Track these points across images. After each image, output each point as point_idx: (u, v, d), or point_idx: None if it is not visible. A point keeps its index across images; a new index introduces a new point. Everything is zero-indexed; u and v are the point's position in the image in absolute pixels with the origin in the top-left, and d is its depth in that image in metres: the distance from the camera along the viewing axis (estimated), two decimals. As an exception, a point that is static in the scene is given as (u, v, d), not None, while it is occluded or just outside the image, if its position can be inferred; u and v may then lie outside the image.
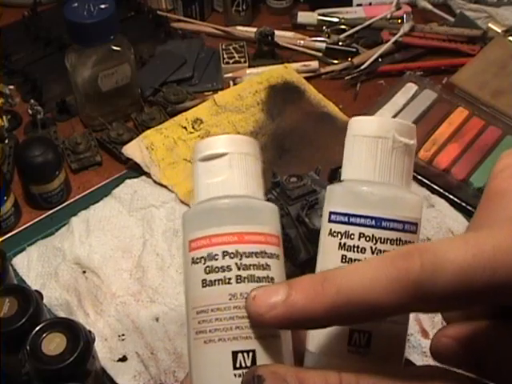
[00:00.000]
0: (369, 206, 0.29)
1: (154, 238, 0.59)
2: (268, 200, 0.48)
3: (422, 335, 0.52)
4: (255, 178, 0.31)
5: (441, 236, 0.59)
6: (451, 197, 0.62)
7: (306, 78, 0.74)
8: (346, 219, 0.29)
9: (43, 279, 0.56)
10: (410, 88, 0.72)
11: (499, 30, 0.80)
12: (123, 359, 0.51)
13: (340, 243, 0.30)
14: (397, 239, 0.29)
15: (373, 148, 0.30)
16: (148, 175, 0.65)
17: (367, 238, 0.29)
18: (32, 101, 0.70)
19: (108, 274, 0.56)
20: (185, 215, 0.31)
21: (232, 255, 0.29)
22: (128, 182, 0.64)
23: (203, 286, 0.29)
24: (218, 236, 0.29)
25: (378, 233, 0.29)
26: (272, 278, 0.29)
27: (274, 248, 0.30)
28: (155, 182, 0.64)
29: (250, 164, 0.31)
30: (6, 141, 0.68)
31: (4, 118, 0.70)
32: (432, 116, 0.69)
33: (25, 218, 0.63)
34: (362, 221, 0.29)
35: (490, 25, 0.81)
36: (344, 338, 0.29)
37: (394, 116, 0.69)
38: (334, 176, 0.50)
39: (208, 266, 0.29)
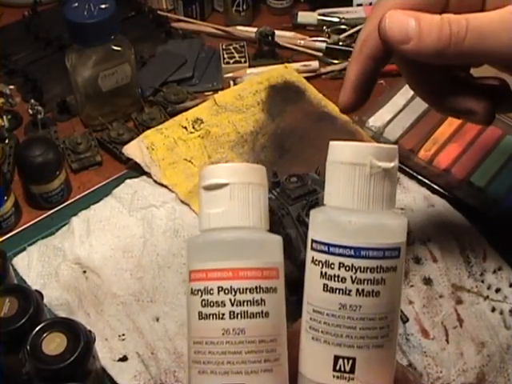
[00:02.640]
0: (347, 235, 0.29)
1: (155, 238, 0.59)
2: (268, 199, 0.48)
3: (422, 335, 0.52)
4: (257, 208, 0.31)
5: (441, 236, 0.59)
6: (451, 197, 0.62)
7: (306, 78, 0.74)
8: (326, 248, 0.30)
9: (43, 279, 0.56)
10: (410, 88, 0.72)
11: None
12: (123, 359, 0.51)
13: (321, 272, 0.30)
14: (377, 267, 0.29)
15: (350, 175, 0.30)
16: (148, 175, 0.65)
17: (347, 268, 0.29)
18: (32, 101, 0.70)
19: (108, 274, 0.56)
20: (188, 243, 0.32)
21: (226, 291, 0.29)
22: (128, 181, 0.64)
23: (199, 318, 0.30)
24: (214, 271, 0.30)
25: (357, 262, 0.29)
26: (267, 313, 0.30)
27: (270, 282, 0.30)
28: (155, 181, 0.64)
29: (253, 194, 0.31)
30: (7, 141, 0.68)
31: (4, 117, 0.70)
32: (432, 116, 0.69)
33: (25, 217, 0.63)
34: (341, 251, 0.29)
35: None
36: (329, 363, 0.29)
37: (395, 116, 0.69)
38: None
39: (204, 300, 0.30)
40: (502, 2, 0.37)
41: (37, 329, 0.43)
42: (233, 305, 0.29)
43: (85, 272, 0.57)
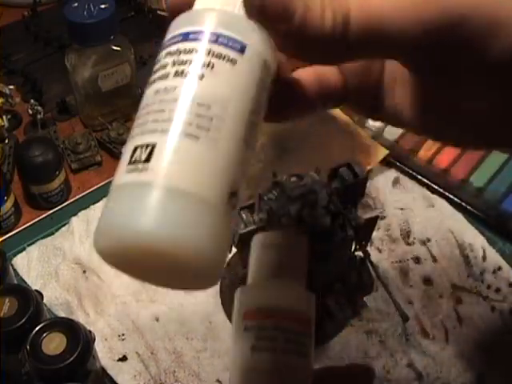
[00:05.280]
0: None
1: (154, 238, 0.59)
2: (268, 200, 0.48)
3: (422, 335, 0.52)
4: None
5: (441, 236, 0.59)
6: (451, 197, 0.62)
7: (306, 78, 0.74)
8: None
9: (43, 279, 0.56)
10: (410, 88, 0.72)
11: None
12: (123, 359, 0.51)
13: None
14: (208, 50, 0.25)
15: None
16: (148, 175, 0.64)
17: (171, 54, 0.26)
18: (32, 101, 0.70)
19: (108, 274, 0.56)
20: None
21: None
22: (128, 181, 0.64)
23: None
24: None
25: (182, 46, 0.26)
26: None
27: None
28: (155, 181, 0.64)
29: None
30: (6, 141, 0.68)
31: (4, 117, 0.70)
32: (432, 116, 0.69)
33: (25, 217, 0.63)
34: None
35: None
36: (127, 159, 0.26)
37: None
38: (334, 176, 0.50)
39: None
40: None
41: (37, 329, 0.43)
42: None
43: (85, 272, 0.57)
